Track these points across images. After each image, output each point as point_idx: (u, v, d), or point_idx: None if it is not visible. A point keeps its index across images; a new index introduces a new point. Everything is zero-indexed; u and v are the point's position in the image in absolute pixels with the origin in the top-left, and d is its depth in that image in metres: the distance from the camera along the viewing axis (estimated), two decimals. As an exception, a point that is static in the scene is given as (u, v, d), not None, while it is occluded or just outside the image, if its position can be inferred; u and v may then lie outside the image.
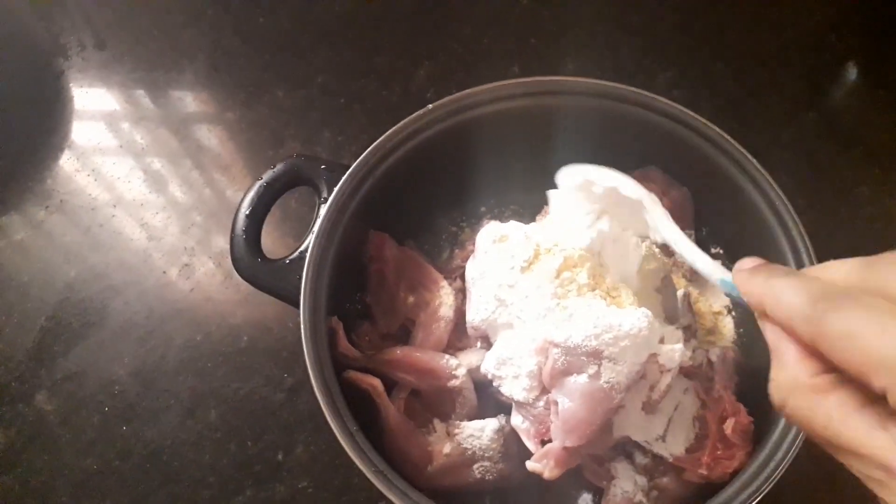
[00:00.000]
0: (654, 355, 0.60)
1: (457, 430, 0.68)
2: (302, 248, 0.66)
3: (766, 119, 0.92)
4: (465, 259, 0.74)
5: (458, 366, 0.68)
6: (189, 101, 0.94)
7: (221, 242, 0.85)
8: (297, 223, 0.85)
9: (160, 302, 0.82)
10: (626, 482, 0.65)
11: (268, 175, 0.69)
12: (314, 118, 0.92)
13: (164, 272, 0.84)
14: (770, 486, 0.56)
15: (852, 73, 0.99)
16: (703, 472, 0.63)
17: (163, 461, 0.75)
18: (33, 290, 0.83)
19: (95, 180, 0.89)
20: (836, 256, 0.85)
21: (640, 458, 0.67)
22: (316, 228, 0.65)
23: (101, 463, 0.75)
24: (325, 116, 0.92)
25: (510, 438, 0.67)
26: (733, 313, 0.76)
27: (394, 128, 0.69)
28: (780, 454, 0.57)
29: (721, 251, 0.77)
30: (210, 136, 0.91)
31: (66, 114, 0.95)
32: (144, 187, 0.89)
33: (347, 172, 0.66)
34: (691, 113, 0.70)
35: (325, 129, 0.91)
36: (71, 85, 0.97)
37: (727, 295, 0.49)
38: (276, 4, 1.00)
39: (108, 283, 0.83)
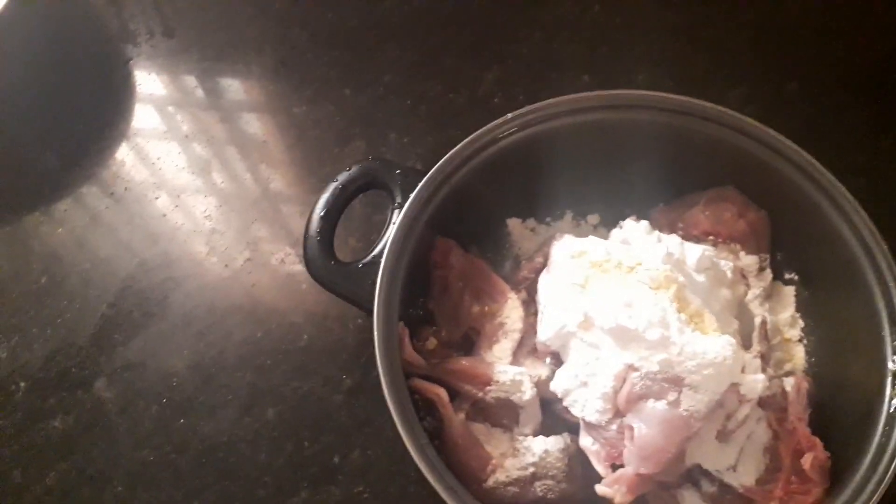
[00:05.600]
0: (735, 385, 0.59)
1: (520, 446, 0.67)
2: (375, 252, 0.65)
3: (842, 143, 0.89)
4: (533, 271, 0.73)
5: (525, 380, 0.67)
6: (256, 94, 0.94)
7: (285, 239, 0.84)
8: (359, 223, 0.84)
9: (221, 296, 0.82)
10: (692, 510, 0.64)
11: (343, 177, 0.68)
12: (380, 118, 0.91)
13: (227, 266, 0.84)
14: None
15: (930, 96, 0.96)
16: (776, 504, 0.61)
17: (218, 457, 0.74)
18: (95, 277, 0.83)
19: (160, 169, 0.89)
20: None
21: (707, 487, 0.65)
22: (391, 235, 0.64)
23: (157, 455, 0.75)
24: (391, 117, 0.91)
25: (575, 458, 0.66)
26: (805, 342, 0.74)
27: (471, 136, 0.67)
28: (864, 496, 0.55)
29: (796, 277, 0.75)
30: (277, 131, 0.91)
31: (132, 102, 0.95)
32: (208, 179, 0.88)
33: (424, 179, 0.66)
34: (774, 133, 0.69)
35: (391, 130, 0.90)
36: (137, 73, 0.97)
37: None
38: (345, 1, 1.00)
39: (169, 274, 0.83)
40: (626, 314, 0.58)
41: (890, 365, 0.60)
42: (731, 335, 0.65)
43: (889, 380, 0.59)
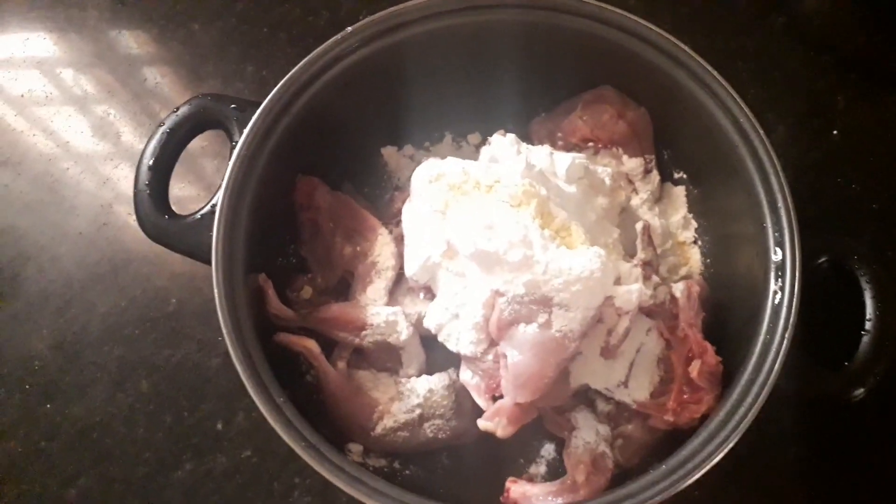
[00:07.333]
0: (609, 298, 0.54)
1: (404, 389, 0.63)
2: (214, 200, 0.58)
3: (732, 27, 0.84)
4: (405, 202, 0.67)
5: (401, 319, 0.62)
6: (93, 40, 0.84)
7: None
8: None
9: (78, 267, 0.75)
10: (587, 432, 0.60)
11: (170, 120, 0.61)
12: (235, 52, 0.82)
13: (81, 233, 0.76)
14: (739, 436, 0.51)
15: (823, -29, 0.91)
16: (669, 417, 0.58)
17: (93, 439, 0.69)
18: (-70, 265, 0.75)
19: (-8, 136, 0.80)
20: (809, 175, 0.79)
21: (603, 406, 0.62)
22: (226, 178, 0.57)
23: (25, 445, 0.69)
24: (247, 49, 0.82)
25: (462, 394, 0.62)
26: (699, 243, 0.70)
27: (308, 57, 0.60)
28: (749, 398, 0.52)
29: (685, 175, 0.71)
30: (119, 79, 0.82)
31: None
32: (50, 140, 0.80)
33: (257, 112, 0.59)
34: (645, 23, 0.63)
35: (248, 63, 0.82)
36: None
37: None
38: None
39: (18, 250, 0.75)
40: (486, 237, 0.53)
41: (773, 256, 0.56)
42: (611, 245, 0.61)
43: (772, 273, 0.56)
